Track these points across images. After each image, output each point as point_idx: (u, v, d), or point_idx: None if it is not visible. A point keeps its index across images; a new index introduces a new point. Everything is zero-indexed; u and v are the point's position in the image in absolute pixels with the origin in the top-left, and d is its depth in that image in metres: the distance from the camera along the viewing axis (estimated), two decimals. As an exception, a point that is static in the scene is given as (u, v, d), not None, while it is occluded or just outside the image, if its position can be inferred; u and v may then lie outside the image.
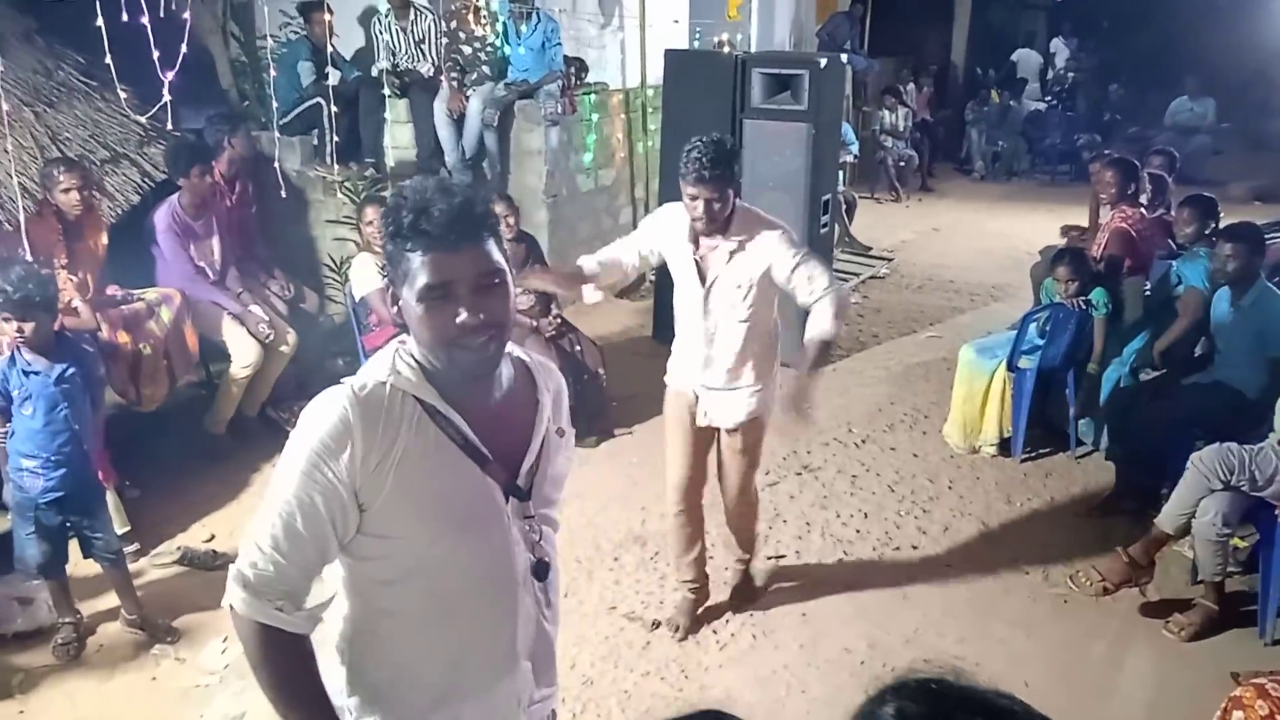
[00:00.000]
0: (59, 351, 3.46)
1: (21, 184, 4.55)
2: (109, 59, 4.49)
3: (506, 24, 6.78)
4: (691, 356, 3.39)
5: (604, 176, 7.75)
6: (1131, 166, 5.46)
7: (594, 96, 7.52)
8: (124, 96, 4.99)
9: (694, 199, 3.10)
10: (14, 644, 3.58)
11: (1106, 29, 15.99)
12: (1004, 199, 12.03)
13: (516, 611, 1.67)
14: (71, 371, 3.45)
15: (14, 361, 3.41)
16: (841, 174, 8.28)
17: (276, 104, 5.98)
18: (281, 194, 5.60)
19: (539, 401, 1.70)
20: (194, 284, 5.01)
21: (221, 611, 4.02)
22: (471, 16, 6.64)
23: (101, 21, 4.34)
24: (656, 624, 3.73)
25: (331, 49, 6.44)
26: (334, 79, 6.28)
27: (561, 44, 6.92)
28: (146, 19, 4.48)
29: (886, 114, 11.62)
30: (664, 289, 6.28)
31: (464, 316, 1.50)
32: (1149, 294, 5.09)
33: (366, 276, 4.99)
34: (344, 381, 1.58)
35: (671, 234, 3.32)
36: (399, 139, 6.79)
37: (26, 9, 5.19)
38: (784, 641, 3.65)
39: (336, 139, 6.04)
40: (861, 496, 4.73)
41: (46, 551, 3.48)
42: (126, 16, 4.44)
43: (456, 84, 6.55)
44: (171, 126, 5.04)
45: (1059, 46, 15.51)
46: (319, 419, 1.53)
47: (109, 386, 4.46)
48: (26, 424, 3.40)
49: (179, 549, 4.15)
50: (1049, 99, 14.41)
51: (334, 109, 6.02)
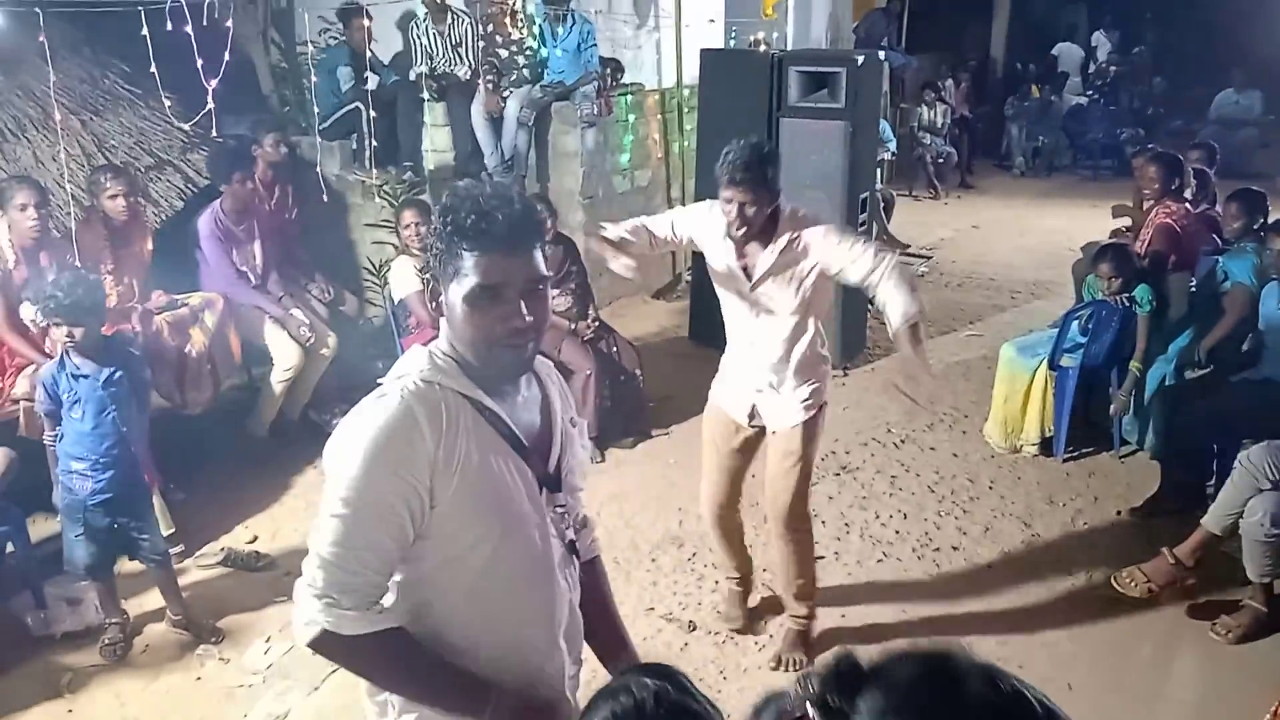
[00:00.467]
0: (107, 355, 3.52)
1: (69, 191, 4.65)
2: (154, 68, 4.58)
3: (542, 26, 6.81)
4: (742, 359, 3.34)
5: (640, 177, 7.75)
6: (1175, 161, 5.37)
7: (630, 97, 7.53)
8: (168, 104, 5.09)
9: (728, 201, 3.07)
10: (62, 644, 3.65)
11: (1149, 20, 15.74)
12: (1045, 195, 11.89)
13: (554, 597, 1.73)
14: (120, 375, 3.51)
15: (63, 366, 3.47)
16: (879, 172, 8.23)
17: (316, 109, 6.06)
18: (322, 198, 5.67)
19: (547, 395, 1.76)
20: (236, 288, 5.08)
21: (265, 612, 4.04)
22: (508, 19, 6.68)
23: (146, 31, 4.43)
24: (694, 625, 3.72)
25: (370, 54, 6.50)
26: (372, 84, 6.35)
27: (597, 45, 6.94)
28: (190, 28, 4.57)
29: (925, 110, 11.52)
30: (700, 289, 6.28)
31: (513, 319, 1.55)
32: (1194, 290, 5.00)
33: (405, 279, 5.03)
34: (382, 384, 1.60)
35: (710, 231, 3.25)
36: (437, 142, 6.84)
37: (74, 20, 5.30)
38: (823, 642, 3.63)
39: (375, 143, 6.11)
40: (901, 497, 4.70)
41: (95, 553, 3.54)
42: (170, 26, 4.54)
43: (493, 86, 6.59)
44: (214, 133, 5.14)
45: (1100, 40, 15.29)
46: (380, 420, 1.52)
47: (154, 390, 4.54)
48: (76, 427, 3.46)
49: (223, 550, 4.20)
50: (1091, 93, 14.20)
51: (372, 113, 6.09)
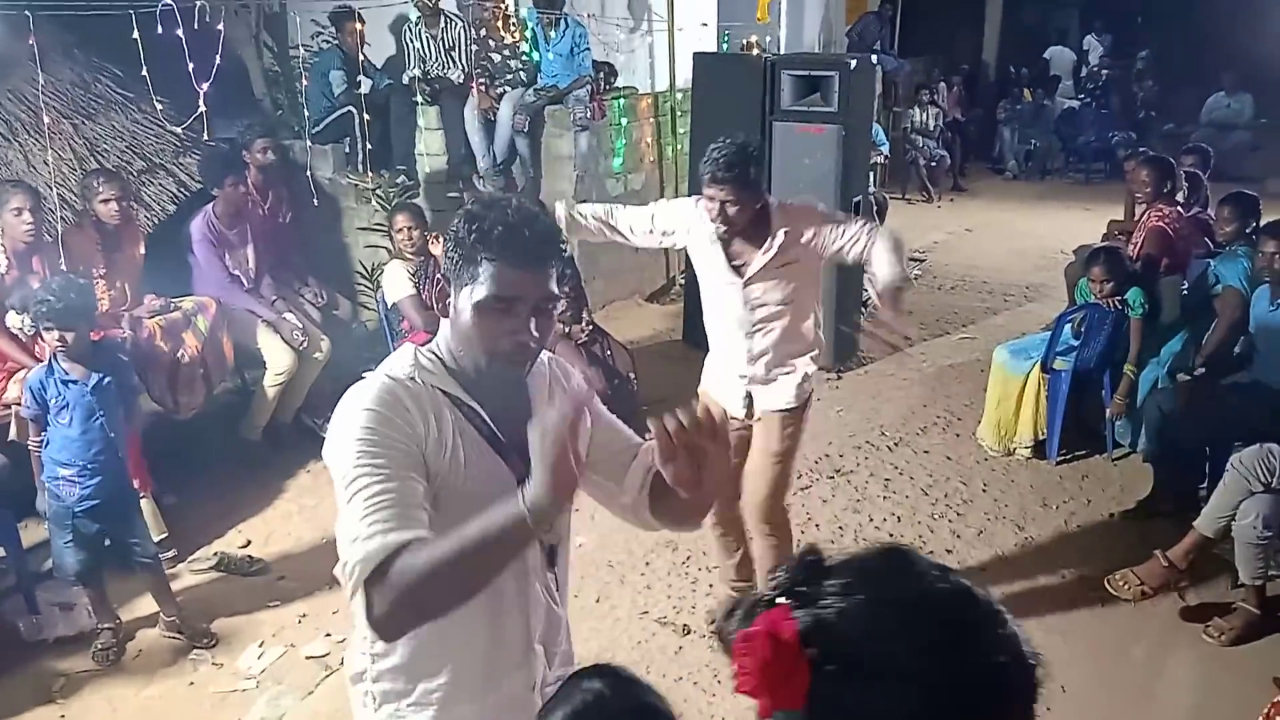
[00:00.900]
0: (95, 360, 3.51)
1: (61, 195, 4.63)
2: (145, 71, 4.57)
3: (535, 30, 6.81)
4: (733, 353, 3.32)
5: (633, 181, 7.75)
6: (1167, 164, 5.39)
7: (623, 101, 7.53)
8: (160, 108, 5.07)
9: (710, 200, 3.07)
10: (54, 649, 3.63)
11: (1141, 24, 15.79)
12: (1037, 198, 11.91)
13: (529, 601, 1.73)
14: (108, 380, 3.50)
15: (52, 371, 3.46)
16: (872, 175, 8.23)
17: (309, 113, 6.05)
18: (314, 202, 5.66)
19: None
20: (229, 292, 5.07)
21: (258, 616, 4.01)
22: (501, 23, 6.68)
23: (138, 34, 4.42)
24: (688, 629, 3.72)
25: (363, 57, 6.50)
26: (365, 87, 6.35)
27: (590, 49, 6.94)
28: (181, 31, 4.56)
29: (917, 114, 11.54)
30: (693, 292, 6.28)
31: (520, 334, 1.57)
32: (1186, 294, 5.02)
33: (398, 283, 5.02)
34: (366, 377, 1.62)
35: (698, 228, 3.23)
36: (430, 146, 6.83)
37: (66, 24, 5.28)
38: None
39: (368, 147, 6.11)
40: (895, 500, 4.70)
41: (84, 559, 3.52)
42: (162, 29, 4.52)
43: (486, 90, 6.59)
44: (206, 137, 5.13)
45: (1092, 43, 15.34)
46: (372, 392, 1.56)
47: (146, 394, 4.53)
48: (63, 433, 3.44)
49: (216, 555, 4.19)
50: (1083, 96, 14.25)
51: (365, 117, 6.10)
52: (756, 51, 8.06)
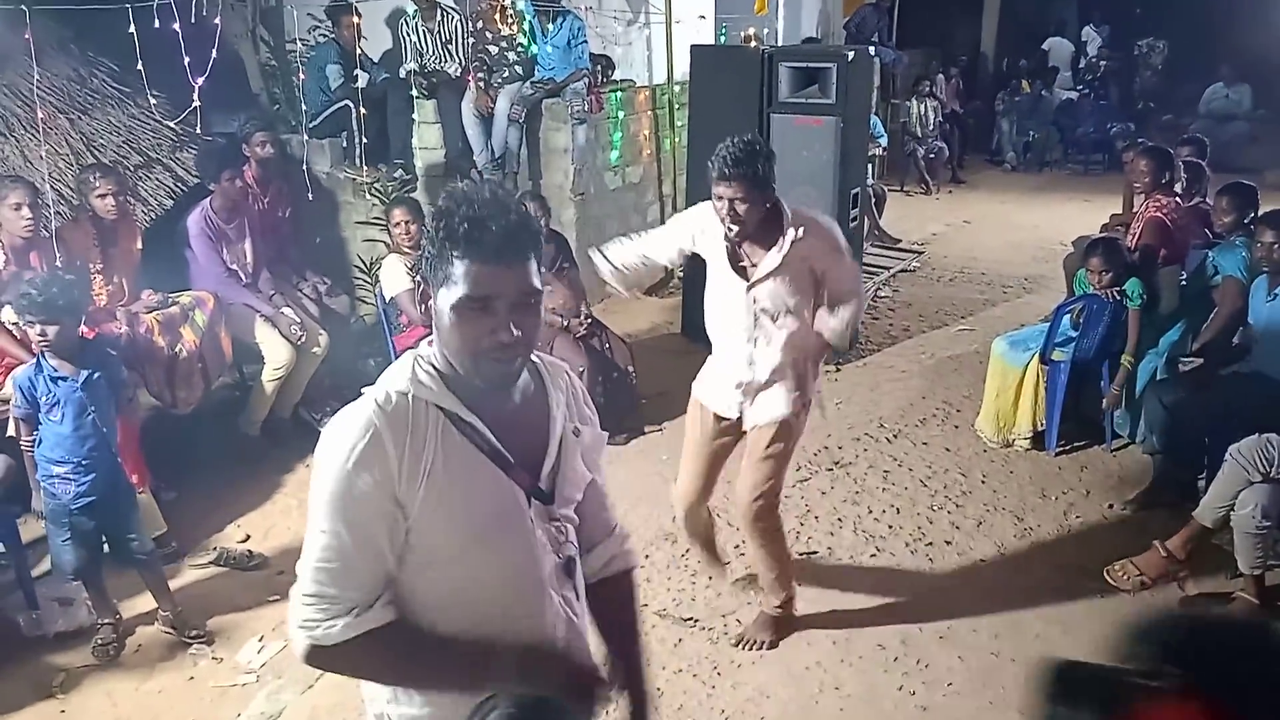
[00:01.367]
0: (84, 356, 3.49)
1: (57, 190, 4.62)
2: (141, 65, 4.56)
3: (532, 23, 6.79)
4: (731, 359, 3.29)
5: (631, 174, 7.74)
6: (1166, 155, 5.38)
7: (621, 94, 7.52)
8: (156, 102, 5.06)
9: (719, 199, 3.05)
10: (55, 644, 3.64)
11: (1139, 15, 15.77)
12: (1036, 190, 11.91)
13: (544, 614, 1.65)
14: (98, 376, 3.47)
15: (41, 368, 3.43)
16: (870, 167, 8.23)
17: (305, 107, 6.03)
18: (311, 196, 5.65)
19: (551, 402, 1.69)
20: (227, 287, 5.06)
21: (258, 611, 4.03)
22: (498, 16, 6.66)
23: (134, 29, 4.41)
24: (695, 620, 3.72)
25: (359, 51, 6.48)
26: (362, 81, 6.33)
27: (588, 42, 6.93)
28: (178, 25, 4.55)
29: (916, 106, 11.52)
30: (692, 286, 6.27)
31: (500, 333, 1.50)
32: (1185, 284, 5.02)
33: (396, 278, 5.02)
34: (364, 393, 1.57)
35: (712, 231, 3.22)
36: (427, 140, 6.82)
37: (61, 18, 5.27)
38: (817, 638, 3.63)
39: (365, 141, 6.10)
40: (894, 492, 4.70)
41: (82, 556, 3.52)
42: (158, 23, 4.52)
43: (484, 84, 6.58)
44: (202, 131, 5.12)
45: (1090, 34, 15.31)
46: (346, 435, 1.50)
47: (145, 389, 4.52)
48: (55, 430, 3.43)
49: (215, 550, 4.19)
50: (1081, 88, 14.23)
51: (362, 111, 6.08)
52: (754, 44, 8.05)
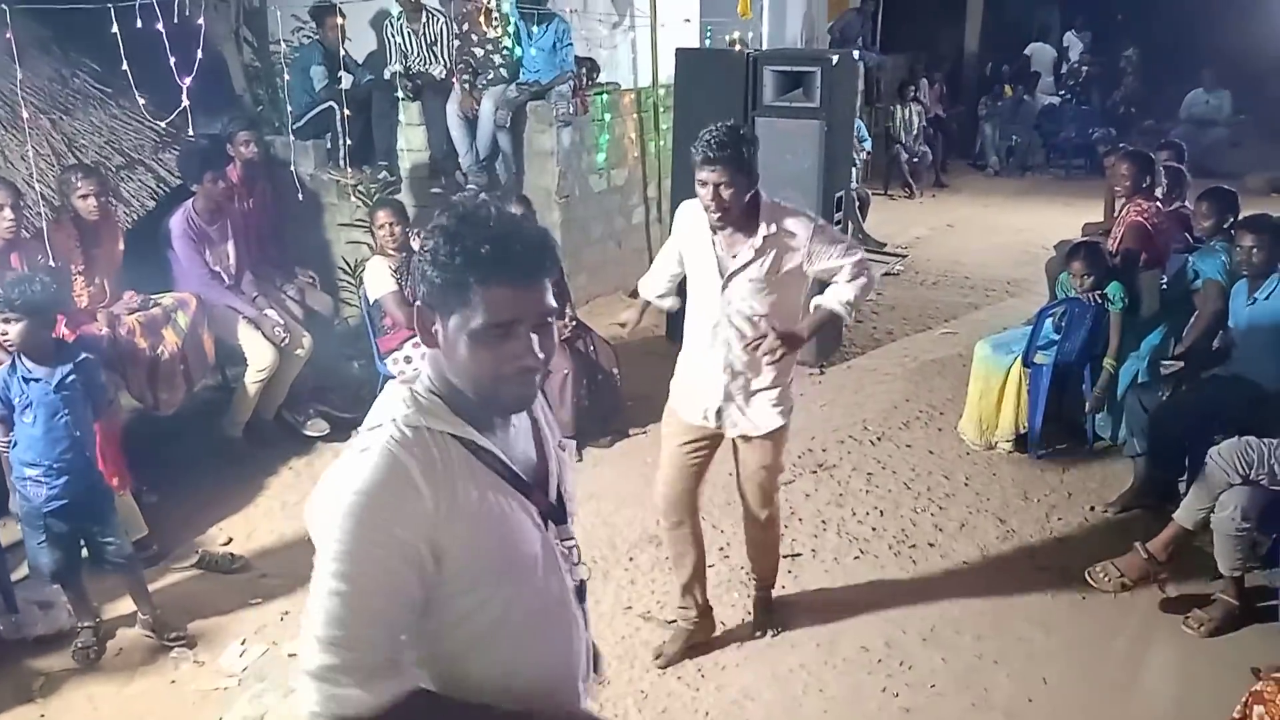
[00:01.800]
0: (58, 357, 3.45)
1: (39, 191, 4.59)
2: (124, 65, 4.54)
3: (518, 25, 6.79)
4: (707, 361, 3.26)
5: (616, 176, 7.74)
6: (1146, 159, 5.43)
7: (606, 96, 7.52)
8: (139, 103, 5.03)
9: (703, 185, 3.01)
10: (35, 648, 3.60)
11: (1121, 21, 15.89)
12: (1019, 194, 11.98)
13: (572, 641, 1.62)
14: (72, 378, 3.43)
15: (14, 369, 3.40)
16: (854, 171, 8.25)
17: (290, 108, 6.01)
18: (297, 198, 5.64)
19: (536, 419, 1.65)
20: (210, 288, 5.04)
21: (240, 614, 4.00)
22: (483, 18, 6.65)
23: (117, 29, 4.38)
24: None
25: (344, 53, 6.46)
26: (347, 83, 6.32)
27: (573, 44, 6.93)
28: (161, 26, 4.53)
29: (899, 110, 11.57)
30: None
31: (525, 358, 1.43)
32: (1166, 288, 5.06)
33: (380, 280, 5.01)
34: (360, 435, 1.45)
35: (694, 227, 3.21)
36: (412, 141, 6.82)
37: (43, 18, 5.24)
38: (801, 640, 3.64)
39: (349, 142, 6.08)
40: (877, 494, 4.72)
41: (59, 559, 3.48)
42: (141, 24, 4.49)
43: (469, 86, 6.57)
44: (190, 132, 5.09)
45: (1072, 40, 15.42)
46: (368, 474, 1.37)
47: (126, 391, 4.49)
48: (28, 432, 3.39)
49: (197, 552, 4.17)
50: (1063, 93, 14.33)
51: (347, 112, 6.07)
52: (739, 47, 8.07)
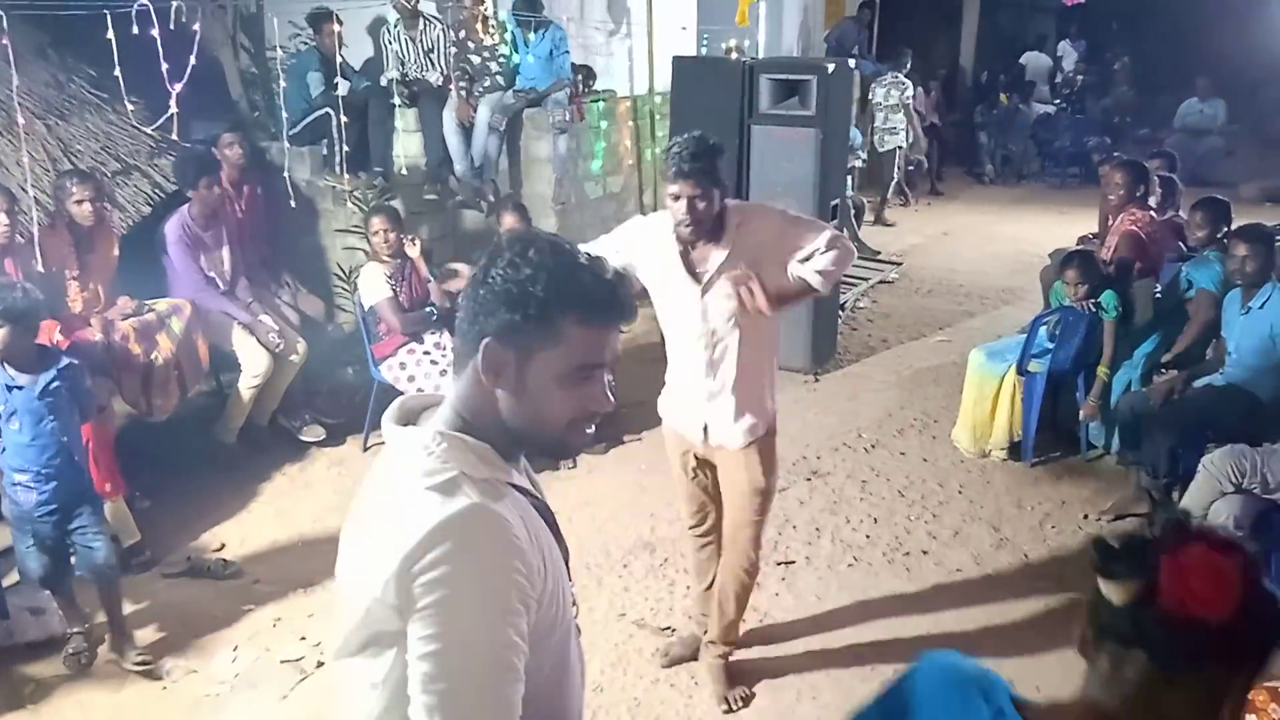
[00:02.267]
0: (41, 364, 3.43)
1: (34, 196, 4.59)
2: (119, 71, 4.53)
3: (515, 32, 6.81)
4: (692, 374, 3.16)
5: (612, 183, 7.76)
6: (1140, 168, 5.45)
7: (602, 104, 7.54)
8: (134, 109, 5.03)
9: (676, 198, 2.94)
10: (25, 654, 3.59)
11: (1115, 31, 15.95)
12: (1013, 202, 12.00)
13: (581, 684, 1.61)
14: (56, 384, 3.41)
15: None
16: (849, 179, 8.28)
17: (286, 114, 6.00)
18: (291, 204, 5.63)
19: None
20: (204, 294, 5.04)
21: (232, 620, 3.99)
22: (480, 25, 6.66)
23: (112, 35, 4.38)
24: (672, 630, 3.72)
25: (340, 59, 6.45)
26: (343, 89, 6.31)
27: (569, 52, 6.95)
28: (157, 31, 4.52)
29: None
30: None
31: (602, 401, 1.38)
32: (1159, 297, 5.07)
33: (375, 286, 5.01)
34: (431, 490, 1.31)
35: (657, 241, 3.10)
36: (408, 148, 6.81)
37: (39, 24, 5.24)
38: (794, 647, 3.64)
39: (346, 149, 6.07)
40: (871, 501, 4.72)
41: (47, 564, 3.48)
42: (136, 30, 4.49)
43: (465, 93, 6.58)
44: (180, 138, 5.09)
45: (1066, 49, 15.47)
46: (483, 540, 1.28)
47: (120, 397, 4.48)
48: (15, 439, 3.39)
49: (190, 559, 4.16)
50: (1058, 102, 14.38)
51: (343, 119, 6.06)
52: (735, 55, 8.10)
